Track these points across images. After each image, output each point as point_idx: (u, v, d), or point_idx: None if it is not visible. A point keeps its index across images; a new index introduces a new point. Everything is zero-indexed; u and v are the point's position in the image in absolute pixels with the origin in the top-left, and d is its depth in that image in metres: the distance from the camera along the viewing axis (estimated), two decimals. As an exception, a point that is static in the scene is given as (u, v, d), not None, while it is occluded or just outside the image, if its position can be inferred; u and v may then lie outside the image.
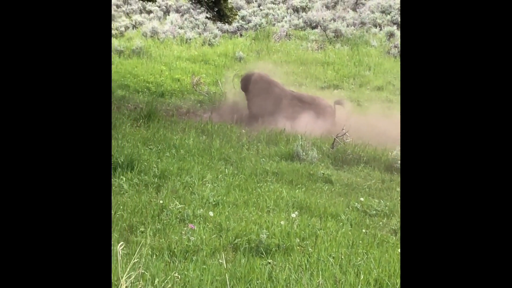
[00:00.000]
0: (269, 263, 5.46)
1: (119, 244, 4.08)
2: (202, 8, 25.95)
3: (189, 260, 5.65)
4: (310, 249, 5.98)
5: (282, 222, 6.68)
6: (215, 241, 6.18)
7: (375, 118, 13.37)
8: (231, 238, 6.28)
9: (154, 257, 5.69)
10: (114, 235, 6.11)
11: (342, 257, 5.71)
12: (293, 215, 6.89)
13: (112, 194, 7.29)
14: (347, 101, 14.80)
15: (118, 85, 15.68)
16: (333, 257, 5.72)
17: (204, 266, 5.41)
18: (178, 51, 20.23)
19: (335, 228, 6.90)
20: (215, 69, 18.16)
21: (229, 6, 13.73)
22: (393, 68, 18.32)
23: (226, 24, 14.18)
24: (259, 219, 6.88)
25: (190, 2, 13.93)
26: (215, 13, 13.59)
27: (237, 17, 15.00)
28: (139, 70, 17.38)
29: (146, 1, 14.92)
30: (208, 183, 8.07)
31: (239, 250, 6.06)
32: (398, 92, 16.26)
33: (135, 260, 5.31)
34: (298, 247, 6.14)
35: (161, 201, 6.95)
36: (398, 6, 25.66)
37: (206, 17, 14.43)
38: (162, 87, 15.90)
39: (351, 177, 9.29)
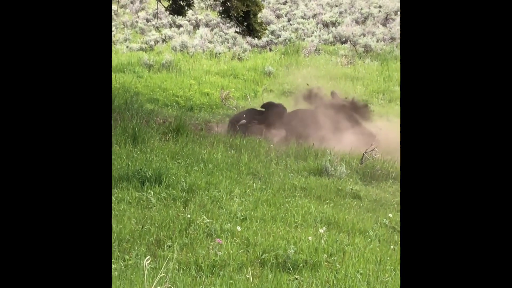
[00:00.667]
0: (296, 278, 5.43)
1: (146, 258, 4.10)
2: (231, 22, 26.10)
3: (216, 275, 5.63)
4: (337, 265, 5.93)
5: (310, 238, 6.64)
6: (242, 256, 6.16)
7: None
8: (258, 253, 6.26)
9: (181, 271, 5.68)
10: (141, 249, 6.11)
11: (370, 274, 5.66)
12: (321, 231, 6.85)
13: (140, 208, 7.31)
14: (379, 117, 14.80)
15: (147, 99, 15.77)
16: (361, 274, 5.68)
17: (231, 281, 5.39)
18: (208, 65, 20.30)
19: (363, 244, 6.84)
20: (244, 83, 18.19)
21: (259, 21, 13.73)
22: (423, 83, 18.22)
23: (256, 38, 14.15)
24: (286, 235, 6.85)
25: (220, 16, 13.93)
26: (245, 27, 13.61)
27: (267, 31, 14.99)
28: (168, 84, 17.46)
29: (176, 15, 14.97)
30: (236, 197, 8.06)
31: (266, 266, 6.03)
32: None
33: (162, 275, 5.31)
34: (326, 263, 6.10)
35: (188, 216, 6.95)
36: (429, 21, 25.56)
37: (236, 32, 14.47)
38: (191, 101, 15.96)
39: (380, 193, 9.23)
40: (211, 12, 29.31)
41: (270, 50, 23.08)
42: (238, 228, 6.77)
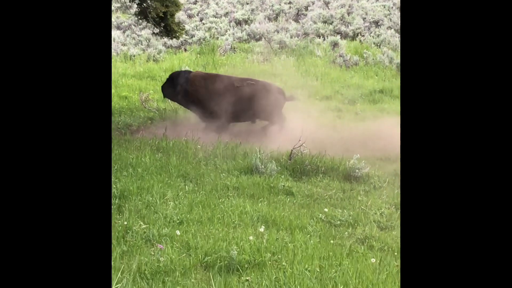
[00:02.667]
0: (247, 280, 5.36)
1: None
2: (146, 24, 25.77)
3: (162, 282, 5.52)
4: (284, 264, 5.90)
5: (251, 237, 6.60)
6: (184, 261, 6.06)
7: (327, 128, 13.40)
8: (200, 256, 6.18)
9: (125, 280, 5.54)
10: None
11: (318, 270, 5.65)
12: (261, 230, 6.81)
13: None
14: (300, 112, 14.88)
15: (64, 105, 15.36)
16: (309, 271, 5.66)
17: (179, 287, 5.29)
18: (123, 68, 19.96)
19: (304, 240, 6.84)
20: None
21: (176, 21, 13.57)
22: (339, 77, 18.41)
23: (174, 39, 13.98)
24: (226, 236, 6.79)
25: (137, 18, 13.70)
26: (162, 28, 13.43)
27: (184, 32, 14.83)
28: (85, 89, 17.08)
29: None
30: (170, 201, 7.94)
31: (212, 268, 5.95)
32: (347, 101, 16.39)
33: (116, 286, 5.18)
34: (270, 262, 6.06)
35: (125, 222, 6.79)
36: (340, 15, 25.91)
37: (153, 33, 14.26)
38: (110, 105, 15.66)
39: (312, 188, 9.26)
40: (121, 14, 28.90)
41: (185, 50, 22.91)
42: (177, 232, 6.68)
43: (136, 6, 13.43)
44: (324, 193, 9.01)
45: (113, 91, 16.68)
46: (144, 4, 13.24)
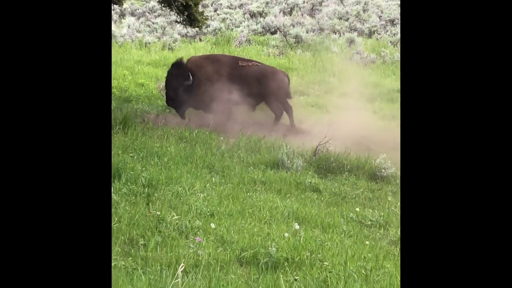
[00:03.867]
0: (296, 279, 5.26)
1: (180, 266, 3.86)
2: (161, 11, 25.65)
3: (203, 277, 5.42)
4: (326, 263, 5.80)
5: (286, 234, 6.49)
6: (221, 255, 5.95)
7: (346, 125, 13.27)
8: (237, 251, 6.07)
9: (164, 272, 5.44)
10: (116, 249, 5.84)
11: (363, 272, 5.55)
12: (296, 227, 6.71)
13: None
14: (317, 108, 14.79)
15: (81, 90, 15.23)
16: (354, 272, 5.56)
17: (222, 283, 5.19)
18: (138, 55, 19.84)
19: (339, 239, 6.73)
20: (179, 74, 17.85)
21: (200, 10, 13.44)
22: (357, 74, 18.27)
23: (197, 28, 13.85)
24: (260, 231, 6.69)
25: (161, 6, 13.57)
26: (185, 17, 13.29)
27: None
28: (101, 74, 16.95)
29: (113, 4, 14.54)
30: (199, 192, 7.82)
31: (250, 264, 5.85)
32: (365, 98, 16.24)
33: (150, 277, 5.09)
34: (309, 261, 5.96)
35: (158, 213, 6.68)
36: (355, 12, 25.78)
37: (176, 21, 14.13)
38: (127, 92, 15.53)
39: (338, 186, 9.15)
40: (135, 1, 28.79)
41: (200, 40, 22.77)
42: (212, 226, 6.57)
43: (160, -7, 13.30)
44: (352, 192, 8.90)
45: (129, 78, 16.60)
46: (169, -8, 13.12)
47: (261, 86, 13.35)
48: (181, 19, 13.49)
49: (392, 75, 18.55)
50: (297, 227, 6.72)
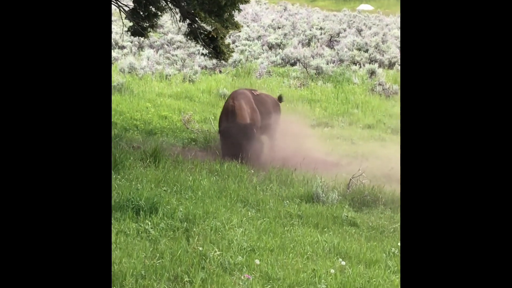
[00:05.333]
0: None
1: None
2: (180, 43, 25.72)
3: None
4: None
5: (332, 271, 6.35)
6: (270, 292, 5.82)
7: (376, 157, 13.18)
8: (285, 288, 5.94)
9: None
10: (164, 286, 5.71)
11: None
12: (342, 263, 6.57)
13: (140, 239, 6.88)
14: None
15: (105, 123, 15.19)
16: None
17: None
18: (159, 87, 19.87)
19: (386, 275, 6.59)
20: (201, 106, 17.83)
21: (226, 42, 13.42)
22: (380, 106, 18.24)
23: (223, 61, 13.83)
24: (304, 267, 6.54)
25: (186, 38, 13.57)
26: (212, 49, 13.28)
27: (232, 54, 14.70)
28: (124, 107, 16.94)
29: (138, 37, 14.58)
30: (236, 227, 7.70)
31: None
32: (390, 130, 16.17)
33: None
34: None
35: (200, 248, 6.56)
36: (374, 43, 25.76)
37: (202, 54, 14.11)
38: (150, 125, 15.50)
39: (375, 220, 9.01)
40: (153, 33, 28.88)
41: (220, 72, 22.79)
42: (257, 262, 6.43)
43: (187, 26, 13.28)
44: (390, 226, 8.74)
45: (152, 110, 16.59)
46: (195, 25, 13.11)
47: (275, 115, 13.43)
48: (207, 51, 13.47)
49: (415, 106, 18.44)
50: (343, 263, 6.58)
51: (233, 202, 8.90)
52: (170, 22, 28.01)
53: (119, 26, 30.69)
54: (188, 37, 13.52)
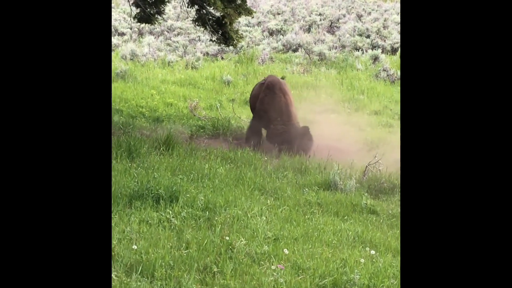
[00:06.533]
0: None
1: None
2: (180, 30, 25.54)
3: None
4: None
5: (362, 260, 6.27)
6: (301, 283, 5.73)
7: (387, 144, 13.08)
8: (317, 279, 5.85)
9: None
10: (195, 277, 5.62)
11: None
12: (372, 252, 6.49)
13: (164, 229, 6.78)
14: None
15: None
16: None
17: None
18: (163, 74, 19.71)
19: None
20: (206, 93, 17.69)
21: (235, 28, 13.28)
22: (385, 92, 18.14)
23: (232, 46, 13.69)
24: (333, 257, 6.45)
25: (194, 24, 13.42)
26: (220, 35, 13.14)
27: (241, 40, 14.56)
28: (129, 94, 16.80)
29: (145, 24, 14.43)
30: (257, 216, 7.60)
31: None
32: (397, 116, 16.06)
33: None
34: (394, 288, 5.74)
35: (227, 238, 6.46)
36: (376, 29, 25.62)
37: (210, 40, 13.95)
38: (156, 112, 15.37)
39: (394, 208, 8.91)
40: (161, 20, 28.67)
41: (222, 58, 22.64)
42: (285, 251, 6.34)
43: (195, 12, 13.13)
44: (410, 214, 8.64)
45: (157, 97, 16.46)
46: (204, 10, 12.96)
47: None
48: (216, 37, 13.33)
49: (421, 92, 18.36)
50: (372, 252, 6.49)
51: (251, 190, 8.80)
52: (169, 8, 27.88)
53: (117, 12, 30.59)
54: (196, 23, 13.36)
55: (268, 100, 12.51)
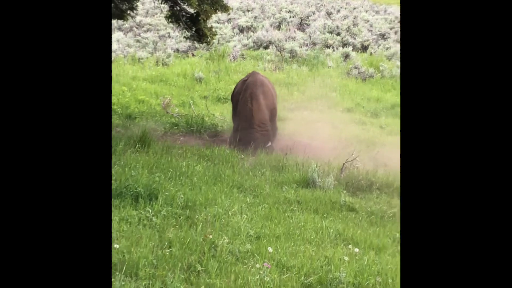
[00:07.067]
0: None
1: None
2: (152, 26, 25.36)
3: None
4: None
5: (346, 258, 6.25)
6: (287, 281, 5.69)
7: (361, 141, 13.10)
8: (302, 277, 5.82)
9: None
10: (180, 276, 5.55)
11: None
12: (356, 250, 6.47)
13: (143, 227, 6.70)
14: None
15: (82, 107, 14.86)
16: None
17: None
18: (133, 71, 19.53)
19: (398, 262, 6.50)
20: (178, 90, 17.55)
21: (209, 25, 13.18)
22: (357, 89, 18.17)
23: (206, 44, 13.58)
24: (316, 255, 6.43)
25: (168, 21, 13.30)
26: (194, 32, 13.03)
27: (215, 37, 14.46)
28: (99, 91, 16.59)
29: (116, 20, 14.28)
30: (238, 214, 7.55)
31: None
32: (369, 114, 16.11)
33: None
34: (378, 286, 5.73)
35: (210, 236, 6.40)
36: (346, 27, 25.67)
37: (184, 37, 13.84)
38: (128, 109, 15.21)
39: (373, 205, 8.91)
40: (133, 17, 28.46)
41: (193, 55, 22.52)
42: (270, 250, 6.29)
43: (169, 8, 13.02)
44: (389, 211, 8.66)
45: (128, 94, 16.31)
46: (177, 7, 12.86)
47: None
48: (189, 34, 13.22)
49: (392, 90, 18.45)
50: (356, 250, 6.48)
51: (229, 188, 8.74)
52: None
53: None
54: (170, 20, 13.24)
55: (241, 103, 12.41)
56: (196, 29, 12.98)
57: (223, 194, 8.22)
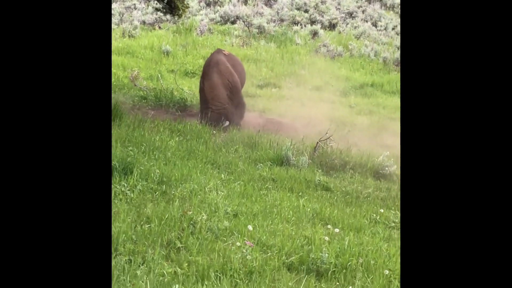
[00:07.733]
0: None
1: None
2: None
3: (255, 283, 5.14)
4: (387, 272, 5.56)
5: (326, 238, 6.22)
6: (268, 260, 5.64)
7: (331, 120, 13.06)
8: (284, 256, 5.77)
9: (218, 280, 5.12)
10: (161, 252, 5.46)
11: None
12: (336, 230, 6.45)
13: (119, 202, 6.58)
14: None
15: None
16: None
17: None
18: (99, 41, 19.17)
19: (377, 243, 6.49)
20: (145, 62, 17.29)
21: (180, -2, 12.97)
22: (326, 67, 18.10)
23: (177, 16, 13.38)
24: (295, 234, 6.38)
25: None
26: (166, 4, 12.82)
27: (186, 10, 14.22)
28: (65, 62, 16.29)
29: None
30: (213, 190, 7.46)
31: (299, 271, 5.58)
32: (339, 93, 16.08)
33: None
34: (362, 268, 5.71)
35: (189, 212, 6.31)
36: (314, 4, 25.56)
37: (156, 9, 13.60)
38: (95, 81, 14.94)
39: (347, 185, 8.89)
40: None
41: (160, 28, 22.21)
42: (250, 228, 6.23)
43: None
44: (364, 191, 8.64)
45: (95, 65, 15.95)
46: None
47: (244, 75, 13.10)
48: (161, 6, 13.01)
49: (361, 69, 18.46)
50: (336, 230, 6.45)
51: (204, 164, 8.64)
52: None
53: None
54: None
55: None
56: (168, 1, 12.77)
57: (198, 170, 8.11)
